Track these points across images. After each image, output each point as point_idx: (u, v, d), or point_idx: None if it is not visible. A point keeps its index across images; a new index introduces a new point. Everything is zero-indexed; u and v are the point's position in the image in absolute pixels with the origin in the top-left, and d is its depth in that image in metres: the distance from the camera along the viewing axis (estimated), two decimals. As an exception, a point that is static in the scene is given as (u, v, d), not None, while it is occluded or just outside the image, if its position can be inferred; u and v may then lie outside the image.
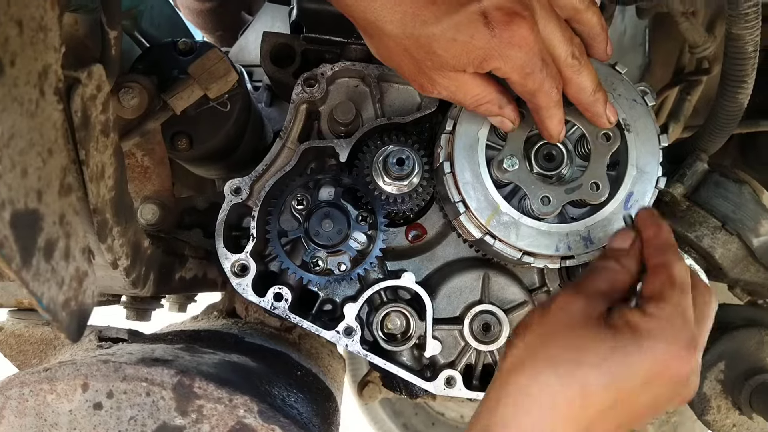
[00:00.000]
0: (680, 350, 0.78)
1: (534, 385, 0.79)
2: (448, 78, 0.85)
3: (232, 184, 1.14)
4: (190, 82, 1.09)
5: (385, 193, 1.13)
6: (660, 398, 0.80)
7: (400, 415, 3.05)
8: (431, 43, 0.80)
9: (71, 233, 0.68)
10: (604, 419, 0.78)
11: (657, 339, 0.78)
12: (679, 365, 0.78)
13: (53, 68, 0.63)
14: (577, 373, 0.78)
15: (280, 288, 1.13)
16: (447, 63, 0.82)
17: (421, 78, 0.87)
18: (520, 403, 0.79)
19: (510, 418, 0.78)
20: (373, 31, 0.84)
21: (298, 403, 1.01)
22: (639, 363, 0.77)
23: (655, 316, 0.79)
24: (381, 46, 0.86)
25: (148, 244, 1.08)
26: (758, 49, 1.05)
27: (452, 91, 0.87)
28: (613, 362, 0.77)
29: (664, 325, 0.79)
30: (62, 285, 0.68)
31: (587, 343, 0.80)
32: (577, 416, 0.77)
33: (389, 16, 0.79)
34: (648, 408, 0.81)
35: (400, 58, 0.85)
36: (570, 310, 0.84)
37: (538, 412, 0.78)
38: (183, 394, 0.86)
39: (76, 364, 0.88)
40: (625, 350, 0.78)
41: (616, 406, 0.78)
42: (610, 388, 0.77)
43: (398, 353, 1.19)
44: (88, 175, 0.77)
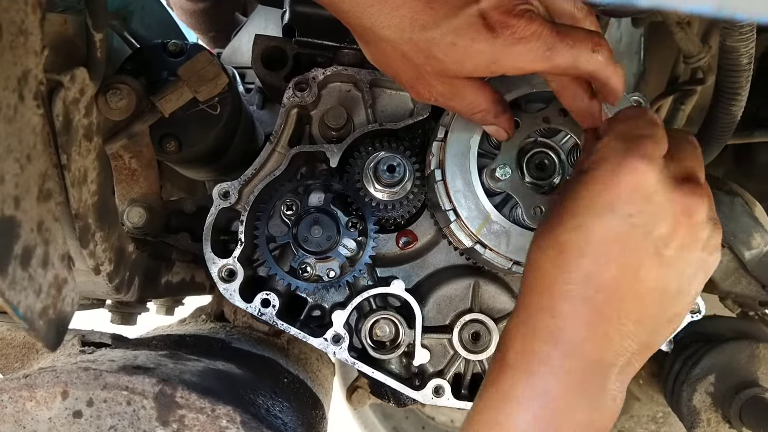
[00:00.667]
0: (621, 160, 0.72)
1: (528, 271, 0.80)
2: (446, 84, 0.83)
3: (220, 188, 1.13)
4: (179, 85, 1.07)
5: (376, 199, 1.12)
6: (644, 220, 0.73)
7: (390, 418, 3.04)
8: (431, 48, 0.78)
9: (50, 240, 0.67)
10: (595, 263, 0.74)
11: (597, 168, 0.74)
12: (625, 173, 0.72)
13: (33, 73, 0.62)
14: (546, 236, 0.77)
15: (268, 294, 1.12)
16: (448, 68, 0.80)
17: (419, 84, 0.85)
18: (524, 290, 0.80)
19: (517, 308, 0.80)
20: (370, 37, 0.82)
21: (283, 413, 1.00)
22: (585, 193, 0.74)
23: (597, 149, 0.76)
24: (378, 52, 0.85)
25: (132, 248, 1.06)
26: (753, 62, 1.04)
27: (448, 97, 0.86)
28: (566, 208, 0.75)
29: (604, 152, 0.75)
30: (40, 293, 0.66)
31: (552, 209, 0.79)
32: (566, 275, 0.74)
33: (386, 21, 0.78)
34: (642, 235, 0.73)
35: (397, 65, 0.84)
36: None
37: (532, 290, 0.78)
38: (164, 403, 0.85)
39: (56, 371, 0.86)
40: (575, 192, 0.75)
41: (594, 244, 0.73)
42: (576, 229, 0.74)
43: (387, 361, 1.18)
44: (70, 180, 0.76)
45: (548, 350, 0.76)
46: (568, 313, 0.75)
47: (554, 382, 0.76)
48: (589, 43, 0.78)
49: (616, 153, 0.74)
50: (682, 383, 1.28)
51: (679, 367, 1.31)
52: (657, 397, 1.47)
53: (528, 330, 0.78)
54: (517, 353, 0.78)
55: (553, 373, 0.76)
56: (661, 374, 1.39)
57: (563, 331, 0.75)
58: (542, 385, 0.76)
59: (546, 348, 0.76)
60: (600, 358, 0.76)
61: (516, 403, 0.76)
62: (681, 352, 1.33)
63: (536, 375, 0.76)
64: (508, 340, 0.80)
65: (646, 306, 0.76)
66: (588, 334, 0.75)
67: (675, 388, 1.31)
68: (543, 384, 0.76)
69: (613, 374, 0.77)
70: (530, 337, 0.77)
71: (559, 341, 0.75)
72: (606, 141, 0.77)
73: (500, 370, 0.79)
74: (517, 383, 0.77)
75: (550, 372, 0.76)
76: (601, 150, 0.76)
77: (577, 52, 0.78)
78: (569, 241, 0.74)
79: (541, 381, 0.76)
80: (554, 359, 0.76)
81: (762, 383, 1.23)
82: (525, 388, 0.76)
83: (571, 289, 0.75)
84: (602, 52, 0.79)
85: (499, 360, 0.80)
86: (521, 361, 0.77)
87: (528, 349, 0.77)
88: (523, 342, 0.78)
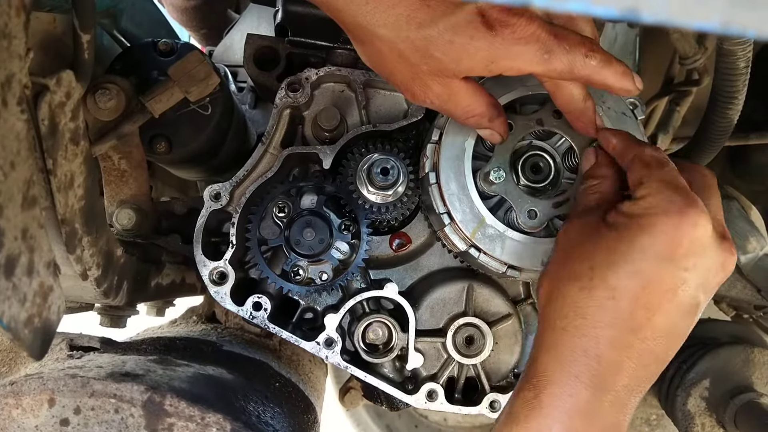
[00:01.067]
0: (680, 212, 0.74)
1: (563, 308, 0.79)
2: (442, 85, 0.82)
3: (211, 190, 1.11)
4: (169, 85, 1.06)
5: (369, 201, 1.11)
6: (697, 272, 0.76)
7: (383, 416, 3.03)
8: (428, 46, 0.76)
9: (35, 247, 0.65)
10: (646, 308, 0.75)
11: (653, 213, 0.76)
12: (688, 226, 0.74)
13: (17, 77, 0.60)
14: (595, 278, 0.77)
15: (259, 297, 1.10)
16: (446, 67, 0.78)
17: (415, 85, 0.83)
18: (556, 325, 0.80)
19: (550, 344, 0.80)
20: (365, 36, 0.80)
21: (274, 419, 0.98)
22: (646, 241, 0.75)
23: (643, 195, 0.78)
24: (373, 51, 0.83)
25: (121, 252, 1.04)
26: (750, 65, 1.03)
27: (444, 100, 0.84)
28: (623, 251, 0.76)
29: (654, 200, 0.77)
30: (24, 302, 0.64)
31: (596, 248, 0.79)
32: (616, 317, 0.76)
33: (382, 20, 0.76)
34: (692, 287, 0.76)
35: (393, 64, 0.82)
36: (572, 233, 0.85)
37: (573, 328, 0.78)
38: (153, 411, 0.83)
39: (43, 378, 0.84)
40: (630, 236, 0.76)
41: (648, 291, 0.75)
42: (631, 276, 0.75)
43: (380, 365, 1.17)
44: (56, 185, 0.74)
45: (589, 397, 0.77)
46: (613, 361, 0.76)
47: (589, 427, 0.77)
48: (582, 47, 0.78)
49: (676, 204, 0.75)
50: (677, 388, 1.28)
51: (674, 372, 1.31)
52: (650, 400, 1.46)
53: (568, 374, 0.77)
54: (554, 396, 0.78)
55: (590, 421, 0.77)
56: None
57: (608, 379, 0.77)
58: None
59: (587, 395, 0.77)
60: (629, 402, 0.79)
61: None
62: (676, 357, 1.32)
63: (572, 421, 0.77)
64: (540, 380, 0.79)
65: (670, 348, 0.80)
66: (628, 381, 0.77)
67: (669, 392, 1.31)
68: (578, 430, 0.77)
69: (629, 414, 0.80)
70: (572, 383, 0.77)
71: (602, 389, 0.77)
72: (652, 188, 0.78)
73: (531, 412, 0.79)
74: (552, 429, 0.77)
75: (587, 419, 0.77)
76: (651, 198, 0.77)
77: (573, 57, 0.77)
78: (623, 287, 0.75)
79: (576, 429, 0.77)
80: (593, 406, 0.77)
81: (757, 388, 1.23)
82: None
83: (618, 337, 0.76)
84: (595, 57, 0.78)
85: (530, 399, 0.79)
86: (558, 405, 0.77)
87: (567, 394, 0.77)
88: (561, 386, 0.78)
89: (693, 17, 0.30)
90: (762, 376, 1.24)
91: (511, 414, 0.81)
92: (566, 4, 0.31)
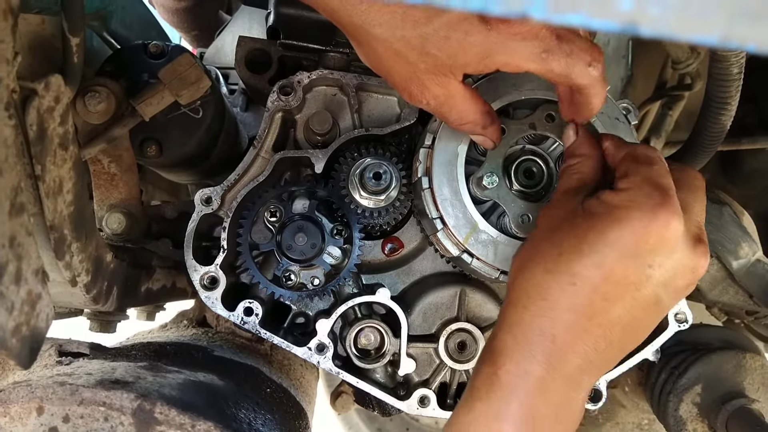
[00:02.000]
0: (654, 209, 0.74)
1: (528, 287, 0.80)
2: (440, 85, 0.81)
3: (202, 194, 1.10)
4: (160, 88, 1.04)
5: (361, 206, 1.10)
6: (662, 270, 0.77)
7: (375, 420, 3.03)
8: (424, 44, 0.75)
9: (23, 255, 0.64)
10: (605, 298, 0.76)
11: (628, 206, 0.75)
12: (658, 225, 0.74)
13: (5, 82, 0.59)
14: (561, 263, 0.77)
15: (251, 302, 1.09)
16: (443, 63, 0.77)
17: (412, 84, 0.82)
18: (518, 305, 0.81)
19: (510, 323, 0.81)
20: (361, 36, 0.79)
21: (265, 426, 0.97)
22: (615, 233, 0.75)
23: (624, 188, 0.78)
24: (370, 51, 0.82)
25: (111, 257, 1.03)
26: (743, 71, 1.03)
27: (440, 102, 0.84)
28: (591, 241, 0.76)
29: (633, 193, 0.77)
30: (12, 310, 0.63)
31: (565, 233, 0.79)
32: (574, 303, 0.77)
33: (378, 19, 0.75)
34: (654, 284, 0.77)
35: (390, 64, 0.81)
36: (549, 216, 0.85)
37: (534, 308, 0.79)
38: (143, 419, 0.82)
39: (32, 386, 0.83)
40: (601, 226, 0.76)
41: (609, 282, 0.76)
42: (596, 266, 0.75)
43: (371, 370, 1.17)
44: (45, 190, 0.73)
45: (543, 374, 0.78)
46: (567, 343, 0.78)
47: (545, 406, 0.79)
48: (587, 55, 0.77)
49: (651, 200, 0.75)
50: (669, 393, 1.28)
51: (666, 377, 1.31)
52: (642, 405, 1.46)
53: (524, 351, 0.79)
54: (510, 374, 0.79)
55: (544, 397, 0.78)
56: (647, 383, 1.38)
57: (561, 358, 0.78)
58: (534, 409, 0.78)
59: (541, 371, 0.78)
60: (581, 381, 0.81)
61: (508, 424, 0.78)
62: (667, 362, 1.33)
63: (529, 397, 0.78)
64: (498, 356, 0.81)
65: (627, 338, 0.82)
66: (580, 362, 0.79)
67: (661, 398, 1.31)
68: (535, 408, 0.78)
69: (583, 393, 0.82)
70: (527, 360, 0.79)
71: (555, 368, 0.78)
72: (635, 182, 0.78)
73: (491, 387, 0.80)
74: (511, 404, 0.79)
75: (542, 396, 0.78)
76: (631, 192, 0.77)
77: (573, 61, 0.76)
78: (586, 276, 0.76)
79: (533, 404, 0.78)
80: (547, 383, 0.78)
81: (748, 393, 1.23)
82: (518, 411, 0.78)
83: (575, 321, 0.77)
84: (598, 68, 0.78)
85: (490, 375, 0.81)
86: (515, 382, 0.79)
87: (522, 371, 0.79)
88: (518, 363, 0.79)
89: (692, 31, 0.30)
90: (754, 382, 1.25)
91: (472, 388, 0.83)
92: (565, 17, 0.31)
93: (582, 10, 0.30)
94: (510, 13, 0.30)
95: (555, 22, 0.30)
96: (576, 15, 0.30)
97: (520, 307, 0.81)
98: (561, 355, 0.78)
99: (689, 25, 0.30)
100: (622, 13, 0.31)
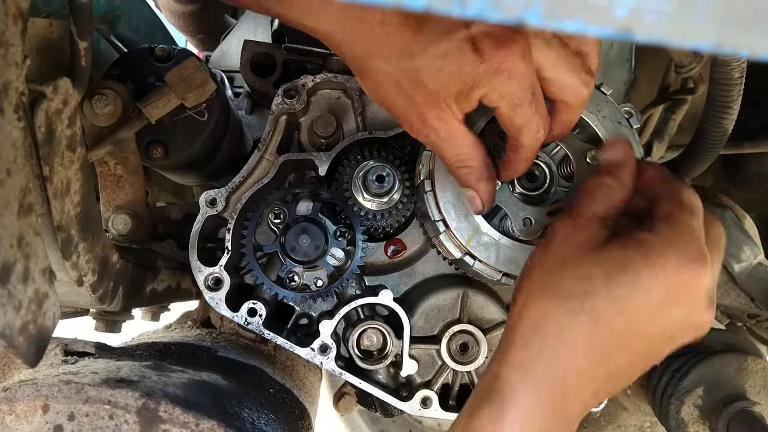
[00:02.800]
0: (692, 262, 0.72)
1: (546, 325, 0.75)
2: (439, 120, 0.80)
3: (207, 196, 1.12)
4: (166, 91, 1.06)
5: (365, 208, 1.11)
6: (675, 324, 0.75)
7: (378, 421, 3.03)
8: (420, 76, 0.75)
9: (30, 255, 0.65)
10: (619, 346, 0.74)
11: (667, 254, 0.72)
12: (692, 279, 0.72)
13: (14, 85, 0.60)
14: (587, 303, 0.73)
15: (255, 303, 1.10)
16: (435, 95, 0.77)
17: (412, 115, 0.82)
18: (531, 344, 0.76)
19: (521, 362, 0.76)
20: (363, 68, 0.80)
21: (269, 426, 0.98)
22: (649, 281, 0.72)
23: (665, 234, 0.75)
24: (372, 84, 0.82)
25: (116, 258, 1.04)
26: (744, 75, 1.04)
27: (440, 137, 0.83)
28: (622, 283, 0.72)
29: (674, 242, 0.73)
30: (20, 309, 0.64)
31: (595, 269, 0.74)
32: (592, 349, 0.74)
33: (377, 52, 0.75)
34: (666, 336, 0.76)
35: (392, 96, 0.81)
36: (572, 241, 0.78)
37: (550, 351, 0.75)
38: (148, 418, 0.83)
39: (37, 384, 0.84)
40: (635, 269, 0.72)
41: (629, 332, 0.73)
42: (622, 312, 0.72)
43: (374, 371, 1.17)
44: (52, 191, 0.74)
45: (548, 420, 0.75)
46: (576, 388, 0.76)
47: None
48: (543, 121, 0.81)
49: (689, 251, 0.73)
50: (670, 396, 1.28)
51: (667, 380, 1.31)
52: (644, 408, 1.46)
53: (532, 397, 0.75)
54: (520, 407, 0.75)
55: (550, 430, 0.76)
56: (649, 386, 1.39)
57: (566, 405, 0.76)
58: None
59: (546, 418, 0.75)
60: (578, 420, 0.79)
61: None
62: (669, 365, 1.33)
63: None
64: (508, 386, 0.76)
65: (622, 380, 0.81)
66: (582, 407, 0.77)
67: (663, 400, 1.31)
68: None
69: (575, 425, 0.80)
70: (533, 407, 0.75)
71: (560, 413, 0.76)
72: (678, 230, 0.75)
73: (498, 419, 0.75)
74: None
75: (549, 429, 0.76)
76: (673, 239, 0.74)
77: (532, 123, 0.79)
78: (609, 320, 0.73)
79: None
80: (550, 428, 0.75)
81: (750, 396, 1.23)
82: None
83: (588, 367, 0.75)
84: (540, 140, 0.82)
85: (498, 403, 0.76)
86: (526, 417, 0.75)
87: (529, 417, 0.74)
88: (524, 410, 0.75)
89: (686, 38, 0.31)
90: (755, 385, 1.25)
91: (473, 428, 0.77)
92: (561, 24, 0.31)
93: (577, 16, 0.31)
94: (507, 20, 0.31)
95: (551, 28, 0.31)
96: (571, 22, 0.31)
97: (534, 349, 0.76)
98: (567, 402, 0.76)
99: (683, 32, 0.31)
100: (617, 20, 0.32)
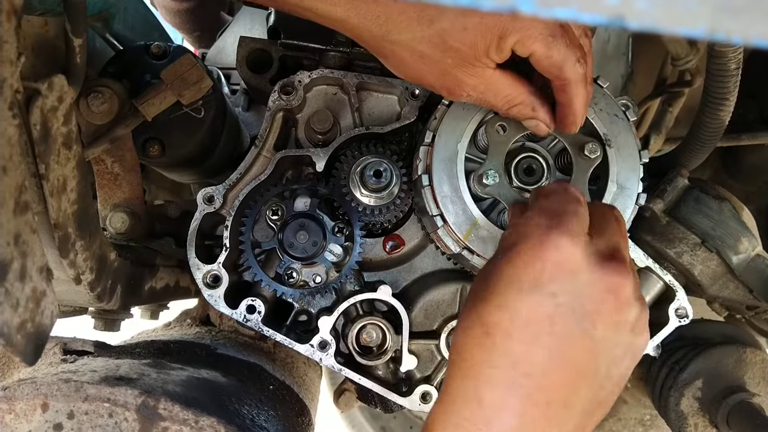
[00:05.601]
0: (541, 236, 0.71)
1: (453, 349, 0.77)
2: (474, 76, 0.80)
3: (205, 193, 1.12)
4: (162, 88, 1.05)
5: (363, 204, 1.11)
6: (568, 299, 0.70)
7: (378, 418, 3.03)
8: (445, 40, 0.75)
9: (28, 253, 0.65)
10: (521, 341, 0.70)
11: (518, 242, 0.73)
12: (549, 250, 0.70)
13: (9, 82, 0.60)
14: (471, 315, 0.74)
15: (253, 300, 1.10)
16: (467, 55, 0.77)
17: (447, 81, 0.82)
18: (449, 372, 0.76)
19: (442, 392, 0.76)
20: (385, 47, 0.80)
21: (268, 422, 0.98)
22: (509, 270, 0.72)
23: (515, 223, 0.76)
24: (397, 61, 0.82)
25: (114, 256, 1.04)
26: (741, 67, 1.04)
27: (481, 91, 0.82)
28: (491, 286, 0.73)
29: (524, 227, 0.74)
30: (17, 307, 0.64)
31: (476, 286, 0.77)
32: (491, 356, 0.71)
33: (395, 26, 0.76)
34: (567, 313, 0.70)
35: (419, 67, 0.81)
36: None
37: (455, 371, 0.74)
38: (147, 415, 0.83)
39: (36, 382, 0.84)
40: (498, 270, 0.73)
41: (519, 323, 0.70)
42: (500, 308, 0.71)
43: (373, 367, 1.17)
44: (48, 189, 0.74)
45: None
46: (495, 402, 0.70)
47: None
48: (578, 51, 0.77)
49: (540, 229, 0.72)
50: (670, 388, 1.29)
51: (667, 372, 1.31)
52: (644, 400, 1.47)
53: (453, 421, 0.72)
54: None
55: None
56: (648, 378, 1.39)
57: (491, 422, 0.70)
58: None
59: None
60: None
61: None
62: (668, 357, 1.33)
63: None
64: (429, 427, 0.75)
65: (575, 390, 0.73)
66: (516, 422, 0.70)
67: (662, 392, 1.31)
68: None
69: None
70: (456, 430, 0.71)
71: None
72: (529, 216, 0.75)
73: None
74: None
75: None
76: (523, 225, 0.74)
77: (570, 53, 0.77)
78: (494, 322, 0.71)
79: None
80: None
81: (749, 388, 1.24)
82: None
83: (498, 374, 0.71)
84: (583, 66, 0.79)
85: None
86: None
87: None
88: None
89: (678, 24, 0.31)
90: (754, 376, 1.25)
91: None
92: (553, 11, 0.31)
93: (570, 3, 0.31)
94: (500, 8, 0.30)
95: (543, 16, 0.31)
96: (564, 9, 0.31)
97: (449, 375, 0.75)
98: (491, 418, 0.70)
99: (675, 18, 0.31)
100: (609, 7, 0.32)
